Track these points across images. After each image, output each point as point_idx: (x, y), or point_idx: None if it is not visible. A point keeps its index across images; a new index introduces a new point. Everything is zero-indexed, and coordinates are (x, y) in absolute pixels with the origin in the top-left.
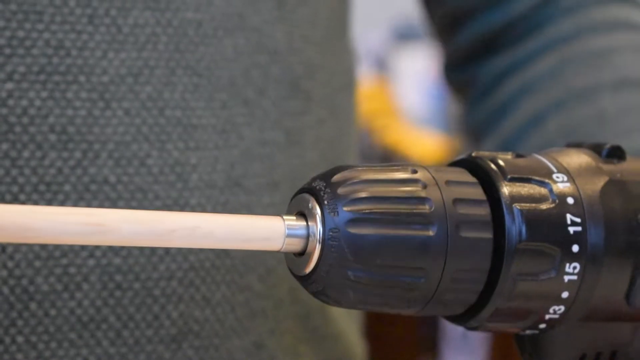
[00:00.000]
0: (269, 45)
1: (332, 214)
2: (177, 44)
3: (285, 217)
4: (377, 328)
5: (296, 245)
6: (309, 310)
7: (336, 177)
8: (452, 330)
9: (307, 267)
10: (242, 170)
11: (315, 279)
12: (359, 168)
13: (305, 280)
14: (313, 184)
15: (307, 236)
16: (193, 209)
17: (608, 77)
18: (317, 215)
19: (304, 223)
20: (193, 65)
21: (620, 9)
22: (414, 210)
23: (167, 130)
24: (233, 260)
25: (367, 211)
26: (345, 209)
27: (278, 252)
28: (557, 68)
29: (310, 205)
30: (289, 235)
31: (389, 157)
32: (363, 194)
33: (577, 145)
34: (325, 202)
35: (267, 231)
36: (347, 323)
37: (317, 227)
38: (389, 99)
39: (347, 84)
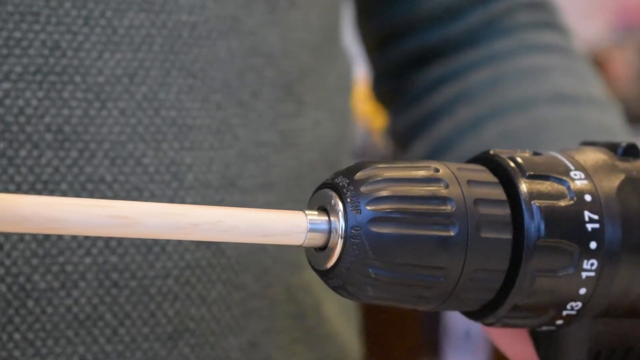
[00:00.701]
0: (263, 48)
1: (355, 211)
2: (172, 45)
3: (307, 212)
4: (378, 328)
5: (318, 240)
6: (304, 311)
7: (359, 175)
8: (454, 330)
9: (328, 262)
10: (237, 171)
11: (336, 274)
12: (382, 165)
13: (325, 274)
14: (336, 179)
15: (329, 231)
16: None
17: (545, 91)
18: (340, 212)
19: (326, 218)
20: (188, 67)
21: (553, 35)
22: (436, 210)
23: (163, 130)
24: (229, 259)
25: (389, 210)
26: (367, 207)
27: (300, 246)
28: (494, 80)
29: (332, 201)
30: (311, 230)
31: (389, 157)
32: (386, 193)
33: (592, 144)
34: (348, 199)
35: (289, 226)
36: (343, 323)
37: (340, 223)
38: None
39: (343, 87)
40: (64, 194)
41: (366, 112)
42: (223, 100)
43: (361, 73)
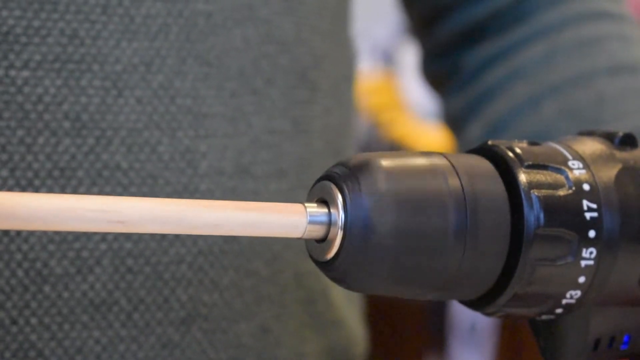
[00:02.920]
0: (277, 35)
1: (354, 203)
2: (188, 34)
3: (306, 204)
4: (383, 321)
5: (317, 232)
6: (313, 296)
7: (358, 166)
8: (459, 324)
9: (328, 254)
10: (251, 158)
11: (336, 265)
12: (382, 157)
13: (325, 266)
14: (335, 171)
15: (329, 223)
16: (202, 195)
17: (602, 63)
18: (339, 203)
19: (326, 210)
20: (203, 55)
21: (600, 1)
22: (435, 201)
23: (178, 118)
24: (241, 245)
25: (388, 200)
26: (367, 197)
27: (299, 239)
28: (548, 55)
29: (332, 193)
30: (310, 222)
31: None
32: (385, 184)
33: (589, 133)
34: (348, 190)
35: (289, 219)
36: (349, 310)
37: (339, 215)
38: (395, 93)
39: (350, 75)
40: (80, 181)
41: (371, 106)
42: (238, 88)
43: (366, 66)
